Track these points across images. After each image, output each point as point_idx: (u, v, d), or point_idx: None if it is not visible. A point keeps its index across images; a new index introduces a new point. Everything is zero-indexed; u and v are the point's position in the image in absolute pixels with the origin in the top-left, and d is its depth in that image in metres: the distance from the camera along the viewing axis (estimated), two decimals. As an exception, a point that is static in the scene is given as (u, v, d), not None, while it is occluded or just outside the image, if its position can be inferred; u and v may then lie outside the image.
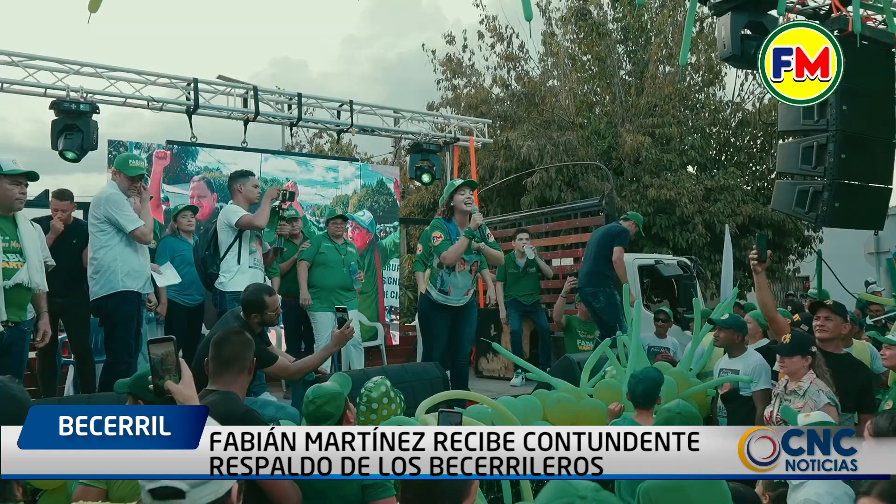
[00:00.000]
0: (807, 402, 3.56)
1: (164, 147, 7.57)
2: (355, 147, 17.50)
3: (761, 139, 15.41)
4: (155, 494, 1.33)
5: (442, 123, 10.14)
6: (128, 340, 4.60)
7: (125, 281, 4.51)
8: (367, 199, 8.92)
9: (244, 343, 2.79)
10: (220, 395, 2.62)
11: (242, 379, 2.73)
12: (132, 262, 4.57)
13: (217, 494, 1.37)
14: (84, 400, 3.72)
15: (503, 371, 7.30)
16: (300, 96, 8.44)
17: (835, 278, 7.28)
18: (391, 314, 8.99)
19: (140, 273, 4.64)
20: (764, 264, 4.21)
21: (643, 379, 3.55)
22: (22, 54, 6.90)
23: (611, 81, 15.47)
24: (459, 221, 5.17)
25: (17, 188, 3.82)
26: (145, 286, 4.74)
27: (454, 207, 5.19)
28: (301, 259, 6.05)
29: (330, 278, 6.08)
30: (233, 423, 2.37)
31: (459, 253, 5.02)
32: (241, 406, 2.70)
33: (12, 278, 3.79)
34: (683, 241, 13.27)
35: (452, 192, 5.21)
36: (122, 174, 4.64)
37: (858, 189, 5.87)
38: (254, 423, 2.56)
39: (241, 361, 2.72)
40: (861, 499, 1.77)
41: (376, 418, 3.62)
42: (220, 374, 2.70)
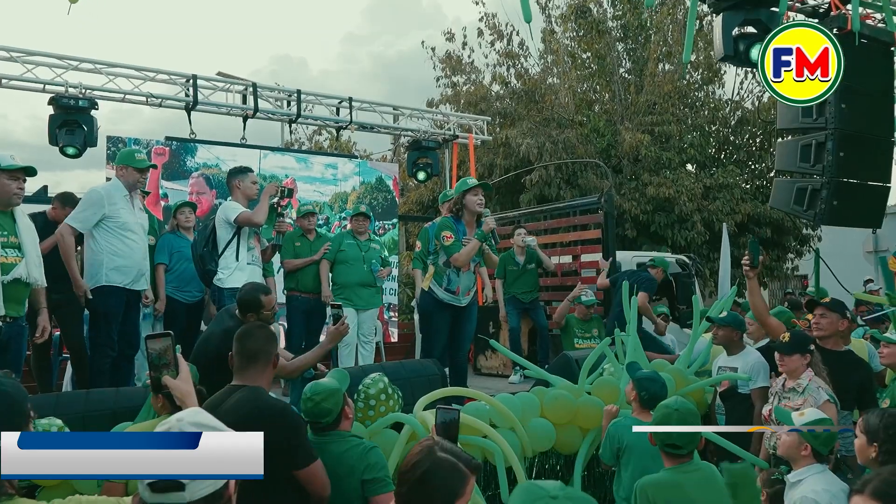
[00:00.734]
0: (806, 399, 3.56)
1: (163, 143, 7.57)
2: (354, 144, 17.50)
3: (760, 137, 15.41)
4: (155, 487, 1.33)
5: (441, 121, 10.13)
6: (110, 334, 4.60)
7: (109, 275, 4.53)
8: (366, 196, 8.92)
9: (268, 337, 2.80)
10: (248, 391, 2.62)
11: (268, 373, 2.74)
12: (119, 257, 4.57)
13: (215, 486, 1.37)
14: (82, 396, 3.71)
15: (501, 368, 7.31)
16: (299, 93, 8.43)
17: (833, 277, 7.28)
18: (389, 311, 8.99)
19: (128, 269, 4.61)
20: (756, 269, 4.20)
21: (656, 380, 3.53)
22: (21, 50, 6.89)
23: (610, 79, 15.46)
24: (468, 222, 5.13)
25: (15, 183, 3.83)
26: (136, 282, 4.70)
27: (465, 207, 5.14)
28: (324, 259, 6.20)
29: (350, 275, 6.14)
30: (271, 419, 2.49)
31: (471, 255, 5.01)
32: (274, 401, 2.72)
33: (10, 273, 3.80)
34: (682, 239, 13.27)
35: (465, 190, 5.13)
36: (129, 168, 4.64)
37: (857, 187, 5.86)
38: (292, 419, 2.62)
39: (265, 356, 2.74)
40: (854, 497, 1.77)
41: (374, 415, 3.62)
42: (245, 368, 2.71)
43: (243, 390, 2.63)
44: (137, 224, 4.72)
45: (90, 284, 4.54)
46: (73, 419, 3.22)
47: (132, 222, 4.66)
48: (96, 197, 4.56)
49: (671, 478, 2.86)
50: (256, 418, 2.47)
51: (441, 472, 1.70)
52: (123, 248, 4.59)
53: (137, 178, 4.68)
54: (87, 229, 4.53)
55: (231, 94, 8.17)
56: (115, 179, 4.77)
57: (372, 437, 3.55)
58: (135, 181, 4.67)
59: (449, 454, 1.74)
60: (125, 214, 4.62)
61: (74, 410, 3.36)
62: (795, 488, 2.85)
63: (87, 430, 3.21)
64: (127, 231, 4.61)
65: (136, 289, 4.71)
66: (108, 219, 4.55)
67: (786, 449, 2.96)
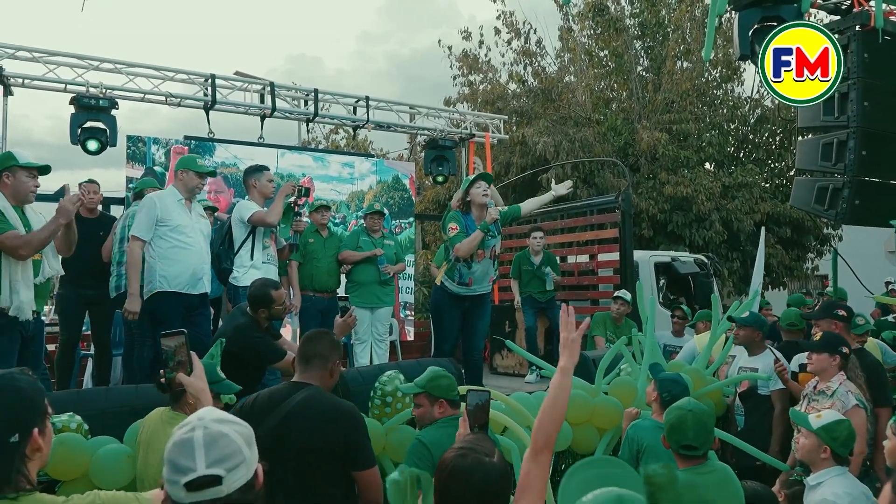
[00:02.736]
0: (834, 402, 3.52)
1: (181, 142, 7.62)
2: (371, 143, 17.54)
3: (780, 136, 15.24)
4: (191, 486, 1.32)
5: (458, 119, 10.12)
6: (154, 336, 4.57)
7: (162, 281, 4.46)
8: (383, 195, 8.94)
9: (329, 343, 2.87)
10: (313, 389, 2.70)
11: (324, 378, 2.80)
12: (171, 262, 4.49)
13: (247, 477, 1.38)
14: (102, 393, 3.76)
15: (518, 368, 7.29)
16: (316, 92, 8.46)
17: (854, 276, 7.19)
18: (406, 310, 9.00)
19: (182, 273, 4.50)
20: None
21: (679, 382, 3.49)
22: (42, 50, 6.97)
23: (628, 77, 15.35)
24: (476, 215, 5.15)
25: (32, 181, 3.88)
26: (194, 286, 4.57)
27: (471, 201, 5.16)
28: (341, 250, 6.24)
29: (366, 273, 6.14)
30: (340, 416, 2.64)
31: (474, 246, 5.00)
32: (341, 401, 2.81)
33: (41, 274, 3.88)
34: (700, 238, 13.16)
35: (468, 186, 5.19)
36: (190, 172, 4.60)
37: (879, 186, 5.77)
38: (358, 419, 2.74)
39: (321, 360, 2.80)
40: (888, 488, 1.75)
41: (390, 412, 3.64)
42: (303, 368, 2.80)
43: (308, 388, 2.70)
44: (195, 228, 4.62)
45: (146, 290, 4.48)
46: (92, 416, 3.27)
47: (187, 226, 4.57)
48: (150, 203, 4.54)
49: (685, 479, 2.83)
50: (324, 413, 2.63)
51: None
52: (177, 252, 4.50)
53: (197, 183, 4.63)
54: (150, 237, 4.49)
55: (249, 94, 8.22)
56: (171, 185, 4.77)
57: (388, 434, 3.56)
58: (194, 186, 4.62)
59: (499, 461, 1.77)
60: (178, 218, 4.54)
61: (94, 407, 3.40)
62: (815, 491, 2.82)
63: (106, 427, 3.25)
64: (181, 235, 4.52)
65: (194, 293, 4.57)
66: (161, 223, 4.49)
67: (805, 452, 2.92)
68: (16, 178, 3.80)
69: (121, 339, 5.69)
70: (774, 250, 13.56)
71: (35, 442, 1.58)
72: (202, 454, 1.33)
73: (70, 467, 3.00)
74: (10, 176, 3.79)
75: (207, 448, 1.34)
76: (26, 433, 1.56)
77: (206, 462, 1.33)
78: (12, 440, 1.54)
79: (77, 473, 3.02)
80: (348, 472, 2.64)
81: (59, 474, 3.01)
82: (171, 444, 1.37)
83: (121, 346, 5.65)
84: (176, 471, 1.34)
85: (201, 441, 1.34)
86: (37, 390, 1.63)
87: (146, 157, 7.37)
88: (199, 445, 1.34)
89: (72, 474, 3.02)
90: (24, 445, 1.56)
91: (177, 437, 1.37)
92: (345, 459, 2.61)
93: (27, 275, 3.75)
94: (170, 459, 1.36)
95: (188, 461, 1.33)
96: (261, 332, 3.91)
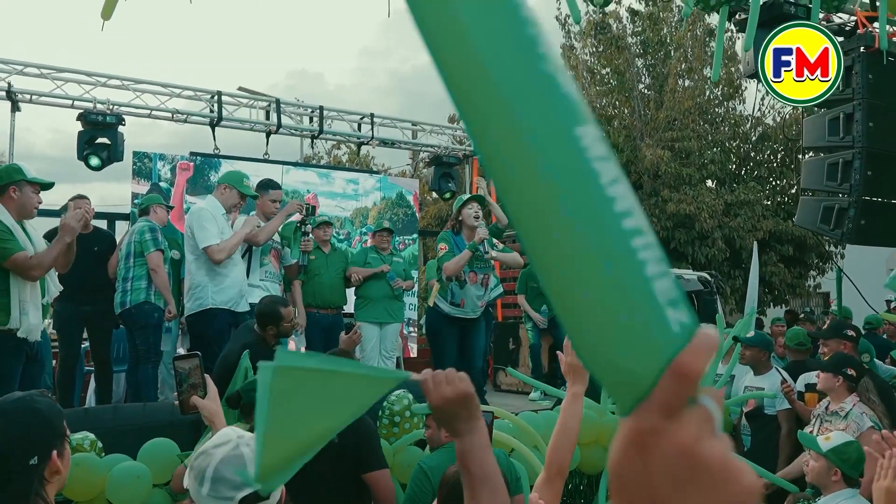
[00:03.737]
0: (849, 424, 3.50)
1: (187, 158, 7.65)
2: (373, 159, 17.59)
3: (782, 154, 15.27)
4: (246, 501, 1.35)
5: (462, 136, 10.15)
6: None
7: (215, 297, 4.42)
8: (387, 212, 8.95)
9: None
10: None
11: None
12: (223, 277, 4.45)
13: (280, 491, 1.43)
14: (110, 411, 3.75)
15: (522, 385, 7.25)
16: (321, 109, 8.50)
17: (859, 295, 7.19)
18: (409, 326, 8.98)
19: (230, 289, 4.47)
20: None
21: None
22: (50, 66, 7.02)
23: (630, 95, 15.42)
24: (467, 236, 5.17)
25: (37, 197, 3.88)
26: (238, 304, 4.55)
27: (462, 222, 5.20)
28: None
29: (376, 289, 6.14)
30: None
31: (461, 265, 5.02)
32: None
33: (47, 293, 3.87)
34: (703, 256, 13.16)
35: (461, 206, 5.23)
36: (234, 190, 4.58)
37: (885, 206, 5.79)
38: (366, 423, 2.86)
39: None
40: None
41: (399, 431, 3.62)
42: None
43: None
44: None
45: (194, 308, 4.41)
46: (100, 434, 3.25)
47: None
48: (206, 215, 4.47)
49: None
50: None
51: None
52: (228, 268, 4.46)
53: (237, 202, 4.64)
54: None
55: (254, 111, 8.26)
56: (212, 198, 4.73)
57: (396, 454, 3.54)
58: (233, 204, 4.62)
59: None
60: (228, 233, 4.52)
61: (102, 425, 3.39)
62: (824, 510, 2.81)
63: (114, 444, 3.23)
64: None
65: (238, 310, 4.53)
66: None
67: (815, 475, 2.90)
68: (23, 193, 3.78)
69: (124, 355, 5.67)
70: (776, 268, 13.55)
71: (54, 464, 1.57)
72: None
73: (86, 488, 2.98)
74: (16, 190, 3.76)
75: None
76: (45, 455, 1.55)
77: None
78: (31, 462, 1.53)
79: (93, 494, 3.00)
80: (360, 476, 2.64)
81: (75, 495, 2.99)
82: (215, 460, 1.37)
83: (123, 363, 5.63)
84: (230, 487, 1.34)
85: (251, 457, 1.34)
86: (55, 412, 1.62)
87: (152, 172, 7.39)
88: (251, 461, 1.34)
89: (88, 495, 3.00)
90: (42, 468, 1.55)
91: (221, 453, 1.37)
92: (356, 462, 2.62)
93: (35, 295, 3.71)
94: (218, 477, 1.35)
95: (244, 477, 1.33)
96: (269, 349, 3.90)
